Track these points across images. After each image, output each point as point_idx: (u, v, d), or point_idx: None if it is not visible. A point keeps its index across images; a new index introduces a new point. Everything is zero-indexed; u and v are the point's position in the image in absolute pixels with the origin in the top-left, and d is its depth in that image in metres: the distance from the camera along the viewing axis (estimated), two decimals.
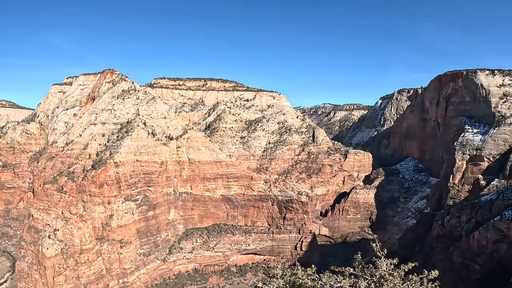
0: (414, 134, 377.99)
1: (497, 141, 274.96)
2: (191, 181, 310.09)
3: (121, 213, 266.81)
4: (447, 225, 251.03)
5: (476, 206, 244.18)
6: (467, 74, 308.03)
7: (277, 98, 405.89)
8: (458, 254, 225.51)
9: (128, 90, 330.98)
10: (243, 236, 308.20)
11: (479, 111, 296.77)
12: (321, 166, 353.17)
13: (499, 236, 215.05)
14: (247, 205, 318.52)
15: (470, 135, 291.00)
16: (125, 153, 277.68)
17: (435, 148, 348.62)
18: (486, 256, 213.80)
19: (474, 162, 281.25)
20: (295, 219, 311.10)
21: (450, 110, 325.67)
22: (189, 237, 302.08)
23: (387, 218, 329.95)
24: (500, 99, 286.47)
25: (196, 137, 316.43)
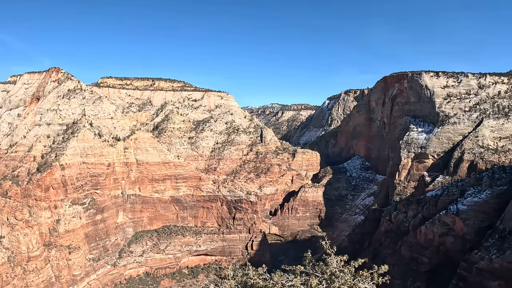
0: (361, 133, 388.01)
1: (441, 139, 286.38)
2: (139, 183, 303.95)
3: (68, 217, 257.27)
4: (395, 221, 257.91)
5: (422, 202, 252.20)
6: (412, 76, 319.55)
7: (225, 98, 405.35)
8: (406, 248, 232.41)
9: (74, 90, 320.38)
10: (193, 238, 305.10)
11: (423, 111, 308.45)
12: (269, 166, 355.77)
13: (445, 229, 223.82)
14: (196, 206, 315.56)
15: (415, 134, 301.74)
16: (71, 155, 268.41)
17: (381, 147, 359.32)
18: (433, 249, 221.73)
19: (419, 159, 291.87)
20: (244, 218, 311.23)
21: (395, 110, 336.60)
22: (139, 240, 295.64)
23: (336, 215, 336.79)
24: (444, 99, 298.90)
25: (144, 138, 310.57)
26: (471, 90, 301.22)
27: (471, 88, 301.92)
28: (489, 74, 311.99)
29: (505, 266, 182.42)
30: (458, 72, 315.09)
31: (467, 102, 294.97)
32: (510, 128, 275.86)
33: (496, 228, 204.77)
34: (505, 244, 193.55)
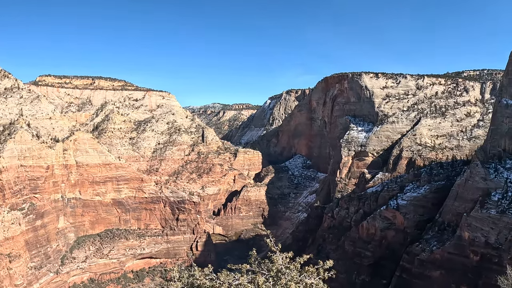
0: (302, 132, 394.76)
1: (380, 138, 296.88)
2: (80, 186, 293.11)
3: (7, 224, 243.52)
4: (337, 217, 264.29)
5: (363, 198, 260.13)
6: (352, 77, 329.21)
7: (167, 98, 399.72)
8: (349, 243, 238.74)
9: (11, 88, 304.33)
10: (137, 241, 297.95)
11: (363, 111, 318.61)
12: (211, 166, 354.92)
13: (386, 224, 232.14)
14: (139, 208, 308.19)
15: (355, 132, 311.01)
16: (8, 157, 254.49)
17: (322, 145, 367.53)
18: (375, 243, 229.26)
19: (359, 157, 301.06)
20: (188, 219, 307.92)
21: (336, 109, 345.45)
22: (81, 245, 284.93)
23: (279, 214, 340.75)
24: (383, 99, 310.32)
25: (84, 139, 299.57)
26: (410, 90, 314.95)
27: (410, 89, 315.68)
28: (427, 75, 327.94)
29: (446, 256, 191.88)
30: (397, 73, 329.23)
31: (406, 102, 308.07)
32: (446, 127, 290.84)
33: (436, 221, 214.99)
34: (444, 235, 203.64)
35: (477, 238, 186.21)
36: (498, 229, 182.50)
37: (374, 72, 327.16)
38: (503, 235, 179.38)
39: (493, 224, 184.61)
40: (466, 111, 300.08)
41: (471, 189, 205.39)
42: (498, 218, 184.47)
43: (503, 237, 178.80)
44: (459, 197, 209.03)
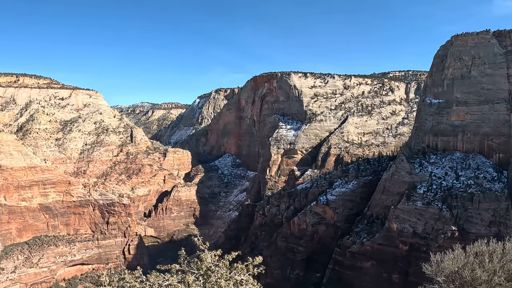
0: (231, 131, 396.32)
1: (309, 135, 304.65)
2: (5, 191, 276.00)
3: None
4: (268, 214, 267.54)
5: (293, 195, 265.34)
6: (281, 76, 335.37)
7: (94, 96, 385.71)
8: (281, 239, 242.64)
9: None
10: (67, 247, 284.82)
11: (292, 110, 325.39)
12: (140, 166, 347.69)
13: (317, 219, 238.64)
14: (67, 213, 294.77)
15: (284, 131, 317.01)
16: None
17: (251, 144, 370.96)
18: (307, 238, 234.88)
19: (289, 155, 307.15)
20: (119, 222, 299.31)
21: (265, 108, 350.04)
22: (9, 255, 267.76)
23: (210, 213, 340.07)
24: (312, 98, 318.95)
25: (8, 141, 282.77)
26: (337, 90, 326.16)
27: (337, 88, 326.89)
28: (354, 75, 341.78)
29: (376, 248, 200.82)
30: (326, 73, 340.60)
31: (333, 101, 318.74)
32: (372, 125, 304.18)
33: (364, 214, 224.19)
34: (373, 228, 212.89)
35: (405, 229, 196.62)
36: (424, 220, 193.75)
37: (303, 71, 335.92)
38: (430, 225, 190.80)
39: (420, 215, 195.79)
40: (392, 110, 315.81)
41: (398, 183, 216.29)
42: (424, 209, 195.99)
43: (429, 227, 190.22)
44: (386, 191, 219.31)
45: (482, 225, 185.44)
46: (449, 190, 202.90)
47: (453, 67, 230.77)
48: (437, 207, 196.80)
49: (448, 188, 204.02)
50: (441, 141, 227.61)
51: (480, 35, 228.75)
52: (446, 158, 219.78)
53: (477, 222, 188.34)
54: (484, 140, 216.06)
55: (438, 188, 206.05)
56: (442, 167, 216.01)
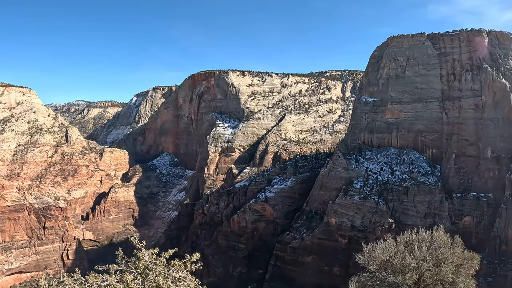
0: (169, 129, 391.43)
1: (247, 133, 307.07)
2: None
3: None
4: (208, 213, 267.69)
5: (232, 193, 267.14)
6: (219, 74, 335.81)
7: (27, 94, 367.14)
8: (222, 238, 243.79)
9: None
10: (3, 255, 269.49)
11: (229, 108, 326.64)
12: (76, 167, 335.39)
13: (257, 216, 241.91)
14: (1, 219, 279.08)
15: (222, 129, 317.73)
16: None
17: (189, 142, 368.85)
18: (248, 235, 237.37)
19: (227, 153, 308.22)
20: (56, 227, 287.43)
21: (202, 106, 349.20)
22: None
23: (149, 214, 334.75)
24: (249, 97, 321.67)
25: None
26: (275, 88, 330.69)
27: (275, 87, 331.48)
28: (292, 74, 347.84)
29: (316, 242, 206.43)
30: (263, 71, 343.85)
31: (271, 99, 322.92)
32: (309, 122, 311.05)
33: (303, 210, 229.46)
34: (312, 223, 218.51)
35: (344, 223, 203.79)
36: (362, 214, 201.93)
37: (241, 70, 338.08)
38: (367, 218, 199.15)
39: (357, 209, 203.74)
40: (328, 108, 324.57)
41: (335, 178, 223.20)
42: (362, 203, 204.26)
43: (367, 220, 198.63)
44: (324, 187, 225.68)
45: (418, 217, 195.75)
46: (385, 184, 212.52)
47: (388, 67, 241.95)
48: (374, 201, 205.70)
49: (384, 183, 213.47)
50: (377, 138, 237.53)
51: (415, 37, 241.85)
52: (382, 154, 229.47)
53: (413, 214, 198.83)
54: (418, 137, 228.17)
55: (374, 183, 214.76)
56: (377, 163, 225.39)
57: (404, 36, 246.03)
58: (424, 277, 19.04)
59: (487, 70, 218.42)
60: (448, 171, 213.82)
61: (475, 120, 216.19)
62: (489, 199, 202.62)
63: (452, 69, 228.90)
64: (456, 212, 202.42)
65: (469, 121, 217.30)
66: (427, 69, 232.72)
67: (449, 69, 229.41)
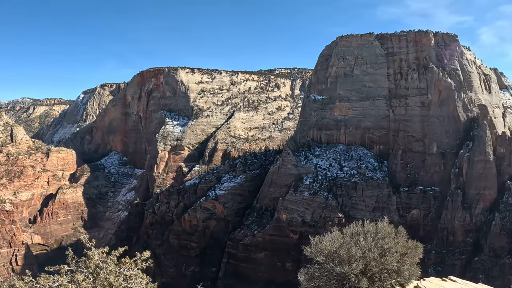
0: (117, 128, 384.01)
1: (196, 131, 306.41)
2: None
3: None
4: (158, 212, 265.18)
5: (182, 191, 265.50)
6: (169, 71, 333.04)
7: None
8: (173, 237, 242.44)
9: None
10: None
11: (179, 105, 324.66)
12: (22, 168, 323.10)
13: (207, 214, 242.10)
14: None
15: (171, 127, 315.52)
16: None
17: (138, 141, 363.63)
18: (199, 234, 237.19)
19: (176, 151, 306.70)
20: (2, 231, 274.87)
21: (151, 104, 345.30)
22: None
23: (99, 215, 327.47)
24: (198, 94, 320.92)
25: None
26: (224, 86, 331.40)
27: (224, 84, 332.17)
28: (241, 72, 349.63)
29: (267, 238, 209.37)
30: (213, 69, 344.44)
31: (220, 96, 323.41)
32: (259, 120, 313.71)
33: (254, 207, 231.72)
34: (263, 220, 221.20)
35: (294, 219, 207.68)
36: (312, 209, 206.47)
37: (191, 67, 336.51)
38: (317, 213, 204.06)
39: (308, 205, 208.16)
40: (277, 105, 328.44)
41: (285, 175, 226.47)
42: (311, 199, 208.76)
43: (317, 216, 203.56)
44: (274, 183, 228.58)
45: (367, 210, 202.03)
46: (334, 180, 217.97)
47: (337, 66, 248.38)
48: (324, 196, 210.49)
49: (333, 178, 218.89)
50: (325, 134, 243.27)
51: (364, 37, 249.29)
52: (330, 151, 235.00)
53: (362, 208, 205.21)
54: (366, 133, 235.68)
55: (323, 179, 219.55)
56: (326, 159, 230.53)
57: (353, 36, 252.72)
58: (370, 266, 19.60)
59: (433, 69, 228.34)
60: (395, 166, 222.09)
61: (421, 117, 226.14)
62: (436, 192, 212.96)
63: (399, 68, 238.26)
64: (404, 206, 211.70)
65: (415, 119, 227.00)
66: (375, 68, 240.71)
67: (396, 68, 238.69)
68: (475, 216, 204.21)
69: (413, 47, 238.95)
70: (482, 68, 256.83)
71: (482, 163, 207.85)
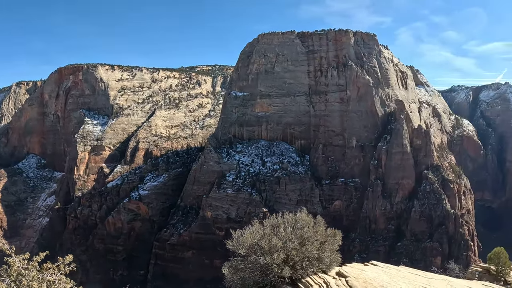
0: (34, 129, 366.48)
1: (116, 130, 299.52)
2: None
3: None
4: (81, 216, 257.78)
5: (104, 193, 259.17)
6: (88, 68, 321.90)
7: None
8: (98, 241, 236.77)
9: None
10: None
11: (99, 104, 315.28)
12: None
13: (132, 215, 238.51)
14: None
15: (90, 126, 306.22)
16: None
17: (57, 142, 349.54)
18: (125, 236, 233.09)
19: (96, 152, 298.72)
20: None
21: (70, 103, 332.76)
22: None
23: (19, 222, 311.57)
24: (118, 92, 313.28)
25: None
26: (145, 83, 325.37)
27: (145, 82, 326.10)
28: (162, 69, 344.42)
29: (194, 237, 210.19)
30: (133, 66, 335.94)
31: (141, 94, 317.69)
32: (180, 117, 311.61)
33: (178, 206, 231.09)
34: (189, 218, 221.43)
35: (219, 216, 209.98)
36: (237, 205, 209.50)
37: (111, 64, 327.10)
38: (242, 209, 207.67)
39: (232, 201, 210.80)
40: (199, 103, 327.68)
41: (207, 172, 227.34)
42: (235, 195, 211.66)
43: (242, 211, 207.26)
44: (197, 181, 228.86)
45: (291, 204, 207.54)
46: (257, 175, 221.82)
47: (258, 63, 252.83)
48: (247, 192, 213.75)
49: (256, 174, 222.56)
50: (247, 131, 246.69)
51: (285, 35, 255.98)
52: (252, 147, 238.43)
53: (286, 202, 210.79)
54: (287, 129, 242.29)
55: (246, 175, 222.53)
56: (248, 155, 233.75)
57: (275, 34, 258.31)
58: (291, 255, 20.22)
59: (352, 67, 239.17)
60: (317, 160, 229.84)
61: (340, 112, 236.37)
62: (356, 183, 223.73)
63: (319, 65, 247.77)
64: (327, 197, 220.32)
65: (335, 114, 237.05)
66: (295, 66, 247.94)
67: (317, 65, 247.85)
68: (395, 204, 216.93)
69: (333, 45, 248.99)
70: (399, 66, 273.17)
71: (400, 154, 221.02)
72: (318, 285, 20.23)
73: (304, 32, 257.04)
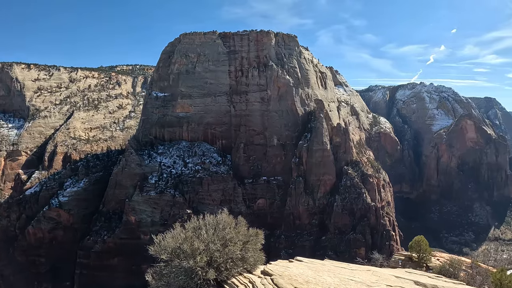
0: None
1: (33, 134, 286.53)
2: None
3: None
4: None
5: (23, 202, 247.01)
6: (2, 67, 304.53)
7: None
8: (20, 253, 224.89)
9: None
10: None
11: (14, 105, 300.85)
12: None
13: (53, 224, 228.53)
14: None
15: (6, 130, 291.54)
16: None
17: None
18: (47, 247, 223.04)
19: (13, 157, 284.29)
20: None
21: None
22: None
23: None
24: (35, 93, 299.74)
25: None
26: (63, 83, 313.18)
27: (63, 82, 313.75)
28: (81, 68, 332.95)
29: (119, 243, 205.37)
30: (51, 65, 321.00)
31: (58, 95, 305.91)
32: (100, 119, 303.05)
33: (101, 212, 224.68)
34: (112, 223, 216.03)
35: (144, 220, 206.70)
36: (160, 208, 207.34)
37: (27, 63, 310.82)
38: (166, 212, 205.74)
39: (155, 204, 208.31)
40: (119, 103, 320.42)
41: (129, 175, 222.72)
42: (159, 198, 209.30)
43: (166, 214, 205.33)
44: (118, 185, 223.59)
45: (214, 204, 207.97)
46: (179, 177, 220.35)
47: (179, 63, 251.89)
48: (170, 194, 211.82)
49: (178, 175, 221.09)
50: (168, 132, 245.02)
51: (207, 35, 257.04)
52: (174, 148, 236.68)
53: (209, 203, 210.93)
54: (208, 129, 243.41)
55: (168, 176, 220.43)
56: (170, 156, 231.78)
57: (196, 34, 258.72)
58: (214, 257, 20.31)
59: (272, 67, 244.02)
60: (238, 160, 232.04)
61: (261, 112, 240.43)
62: (279, 181, 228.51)
63: (240, 66, 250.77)
64: (250, 196, 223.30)
65: (255, 113, 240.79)
66: (216, 66, 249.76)
67: (238, 65, 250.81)
68: (317, 199, 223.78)
69: (254, 46, 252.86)
70: (319, 66, 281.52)
71: (320, 151, 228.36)
72: (244, 285, 20.59)
73: (226, 32, 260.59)
